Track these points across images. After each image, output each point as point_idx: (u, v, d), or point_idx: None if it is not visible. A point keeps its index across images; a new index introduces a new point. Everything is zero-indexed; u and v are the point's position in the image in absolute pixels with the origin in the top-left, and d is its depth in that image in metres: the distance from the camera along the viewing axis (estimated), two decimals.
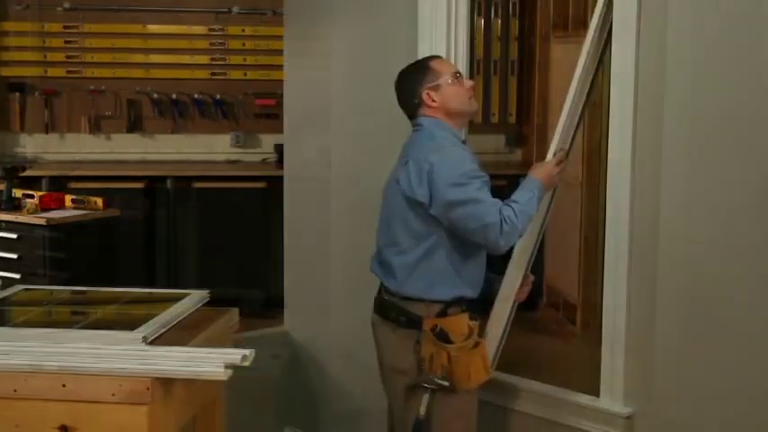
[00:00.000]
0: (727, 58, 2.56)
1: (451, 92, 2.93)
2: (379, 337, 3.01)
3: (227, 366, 2.20)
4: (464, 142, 3.02)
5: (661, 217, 2.73)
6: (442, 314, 2.87)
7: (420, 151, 2.88)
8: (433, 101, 2.93)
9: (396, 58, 3.56)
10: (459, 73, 3.00)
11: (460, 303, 2.91)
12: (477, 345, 2.88)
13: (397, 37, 3.55)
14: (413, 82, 2.98)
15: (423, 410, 2.86)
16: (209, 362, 2.21)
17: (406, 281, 2.91)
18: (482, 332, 3.02)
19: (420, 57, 3.40)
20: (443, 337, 2.84)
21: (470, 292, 2.93)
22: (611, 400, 2.87)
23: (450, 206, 2.80)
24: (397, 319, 2.92)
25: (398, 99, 3.04)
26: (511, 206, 2.81)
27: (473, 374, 2.87)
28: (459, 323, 2.89)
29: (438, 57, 3.11)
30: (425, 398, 2.86)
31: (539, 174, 2.94)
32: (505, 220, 2.77)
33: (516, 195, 2.87)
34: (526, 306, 4.85)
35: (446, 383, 2.84)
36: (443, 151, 2.85)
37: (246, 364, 2.26)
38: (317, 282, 4.03)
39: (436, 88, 2.92)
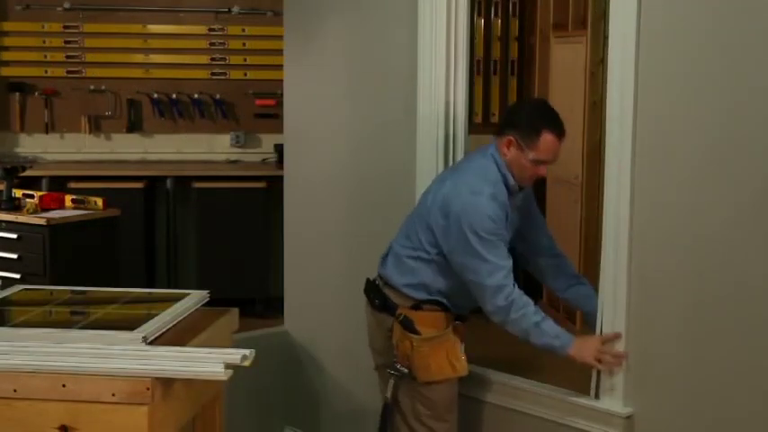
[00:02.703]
0: (727, 56, 2.56)
1: (522, 164, 2.90)
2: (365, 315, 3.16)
3: (227, 366, 2.20)
4: (521, 188, 2.98)
5: (660, 216, 2.73)
6: (416, 308, 2.98)
7: (463, 179, 2.91)
8: (507, 150, 2.91)
9: (395, 58, 3.57)
10: (547, 162, 2.92)
11: (439, 304, 2.99)
12: (445, 340, 2.95)
13: (397, 37, 3.55)
14: (518, 121, 2.92)
15: (389, 394, 3.01)
16: (209, 362, 2.21)
17: (392, 269, 3.03)
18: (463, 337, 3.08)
19: (420, 58, 3.40)
20: (408, 326, 2.95)
21: (452, 308, 3.02)
22: (611, 400, 2.87)
23: (459, 253, 2.87)
24: (374, 301, 3.06)
25: (512, 108, 3.14)
26: (529, 305, 2.83)
27: (434, 367, 2.95)
28: (432, 318, 2.97)
29: (557, 132, 2.90)
30: (391, 383, 3.00)
31: (578, 341, 2.86)
32: (505, 293, 2.82)
33: (545, 320, 2.86)
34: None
35: (405, 371, 2.95)
36: (477, 198, 2.84)
37: (246, 364, 2.26)
38: (317, 282, 4.03)
39: (519, 149, 2.89)
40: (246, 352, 2.26)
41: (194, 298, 2.69)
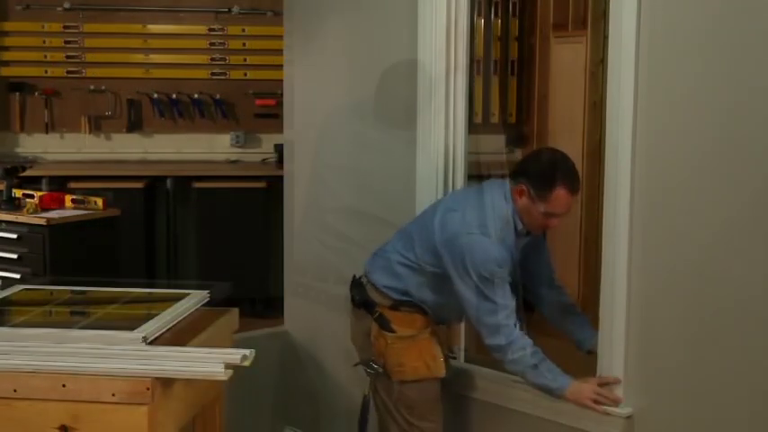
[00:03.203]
0: (727, 56, 2.56)
1: (532, 215, 2.89)
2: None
3: (227, 366, 2.20)
4: (528, 233, 2.98)
5: (661, 216, 2.73)
6: (394, 308, 3.00)
7: (475, 215, 2.88)
8: (519, 197, 2.89)
9: (395, 58, 3.57)
10: (558, 216, 2.91)
11: (418, 307, 3.01)
12: (421, 339, 2.98)
13: (397, 37, 3.55)
14: (532, 172, 2.89)
15: (366, 390, 3.08)
16: (209, 362, 2.21)
17: (378, 269, 3.06)
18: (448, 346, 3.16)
19: (420, 58, 3.40)
20: (384, 325, 2.98)
21: (433, 317, 3.03)
22: None
23: (461, 286, 2.87)
24: (354, 297, 3.10)
25: (528, 157, 3.17)
26: (528, 346, 2.83)
27: (408, 366, 2.97)
28: (410, 319, 2.99)
29: (571, 188, 2.88)
30: (369, 380, 3.06)
31: (575, 384, 2.85)
32: (504, 333, 2.82)
33: (544, 361, 2.86)
34: (526, 306, 4.90)
35: (379, 369, 3.00)
36: (485, 240, 2.83)
37: (246, 364, 2.26)
38: (317, 282, 4.03)
39: (531, 199, 2.87)
40: (246, 352, 2.26)
41: (194, 298, 2.69)
